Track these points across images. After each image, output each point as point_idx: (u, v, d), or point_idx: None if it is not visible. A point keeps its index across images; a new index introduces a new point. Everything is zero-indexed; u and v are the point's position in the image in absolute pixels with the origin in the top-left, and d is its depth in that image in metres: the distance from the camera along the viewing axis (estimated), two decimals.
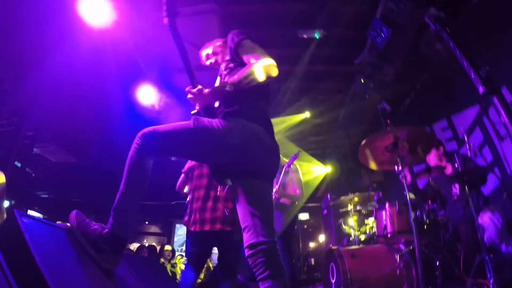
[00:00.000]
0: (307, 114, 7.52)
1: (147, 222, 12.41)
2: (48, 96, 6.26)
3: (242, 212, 1.90)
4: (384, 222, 3.67)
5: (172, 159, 6.51)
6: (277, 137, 2.17)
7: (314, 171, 9.42)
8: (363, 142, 3.17)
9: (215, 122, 1.92)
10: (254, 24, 5.10)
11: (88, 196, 10.49)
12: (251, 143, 1.92)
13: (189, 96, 2.02)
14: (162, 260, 6.84)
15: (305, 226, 8.65)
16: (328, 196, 6.79)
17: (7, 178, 3.35)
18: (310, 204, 8.73)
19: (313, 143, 9.24)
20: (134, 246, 8.85)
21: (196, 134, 1.90)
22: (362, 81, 5.47)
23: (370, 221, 4.46)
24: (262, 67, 1.94)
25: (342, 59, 5.91)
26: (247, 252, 1.77)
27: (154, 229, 12.55)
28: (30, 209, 10.88)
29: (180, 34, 2.03)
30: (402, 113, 6.77)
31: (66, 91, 6.09)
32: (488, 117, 5.13)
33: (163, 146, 1.93)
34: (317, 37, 5.12)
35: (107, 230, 1.83)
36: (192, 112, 2.06)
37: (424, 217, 3.54)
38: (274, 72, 1.98)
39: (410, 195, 2.98)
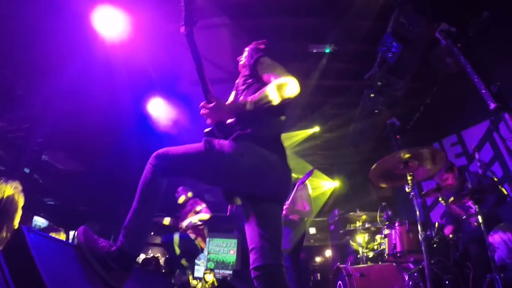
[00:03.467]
0: (316, 129, 7.51)
1: (152, 233, 12.37)
2: (60, 104, 6.35)
3: (250, 233, 1.89)
4: (394, 241, 3.61)
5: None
6: (287, 152, 2.14)
7: (322, 186, 9.37)
8: (374, 166, 3.15)
9: (226, 145, 1.90)
10: (265, 37, 5.11)
11: (94, 205, 10.52)
12: (262, 169, 1.90)
13: (203, 111, 1.99)
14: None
15: (311, 241, 8.57)
16: (336, 211, 6.73)
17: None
18: (317, 219, 8.66)
19: (322, 157, 9.22)
20: (140, 257, 8.79)
21: (207, 158, 1.90)
22: (372, 96, 5.45)
23: (378, 238, 4.39)
24: (282, 87, 1.90)
25: (352, 74, 5.93)
26: (253, 274, 1.76)
27: (159, 239, 12.51)
28: (36, 215, 10.92)
29: (197, 44, 2.01)
30: (412, 128, 6.72)
31: (77, 100, 6.17)
32: (499, 133, 5.07)
33: (176, 168, 1.94)
34: (328, 52, 5.13)
35: (115, 247, 1.81)
36: (205, 130, 2.05)
37: (434, 235, 3.48)
38: (294, 90, 1.93)
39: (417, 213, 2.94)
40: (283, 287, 1.74)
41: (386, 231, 3.81)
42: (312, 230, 8.59)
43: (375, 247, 4.48)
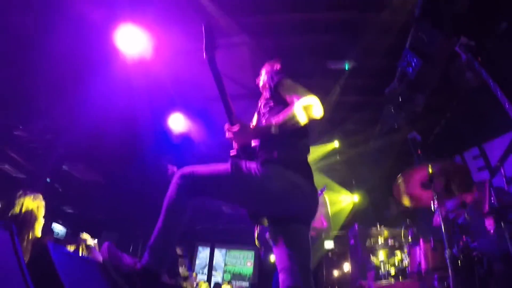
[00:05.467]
0: (336, 144, 7.55)
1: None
2: (82, 117, 6.51)
3: (279, 254, 1.90)
4: (418, 259, 3.58)
5: None
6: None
7: (342, 201, 9.33)
8: (399, 180, 3.15)
9: (253, 168, 1.91)
10: (285, 55, 5.20)
11: (111, 214, 10.67)
12: (289, 191, 1.91)
13: (228, 134, 2.00)
14: (185, 285, 6.81)
15: (330, 255, 8.48)
16: (356, 226, 6.67)
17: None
18: (336, 233, 8.60)
19: (341, 173, 9.15)
20: None
21: (233, 180, 1.91)
22: (392, 111, 5.45)
23: (399, 253, 4.35)
24: (305, 108, 1.93)
25: (372, 90, 5.94)
26: None
27: (177, 251, 12.59)
28: (55, 222, 11.14)
29: (219, 69, 2.03)
30: (432, 143, 6.66)
31: (98, 114, 6.30)
32: None
33: (201, 189, 1.94)
34: (347, 68, 5.17)
35: (140, 265, 1.82)
36: (231, 153, 2.06)
37: (459, 253, 3.45)
38: (318, 111, 1.96)
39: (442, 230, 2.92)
40: None
41: (411, 248, 3.78)
42: (330, 244, 8.51)
43: (396, 263, 4.44)
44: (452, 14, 4.66)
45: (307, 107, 1.93)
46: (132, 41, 5.05)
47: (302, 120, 1.93)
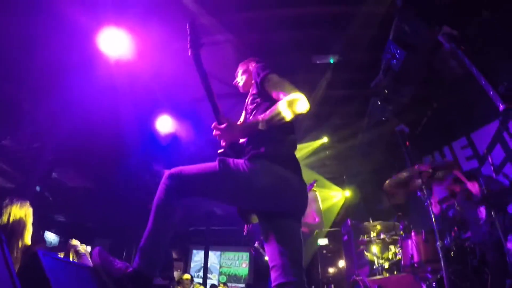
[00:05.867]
0: (325, 139, 7.53)
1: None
2: (67, 122, 6.42)
3: (270, 250, 1.88)
4: (411, 252, 3.54)
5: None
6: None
7: (333, 196, 9.34)
8: (387, 182, 3.13)
9: (241, 164, 1.90)
10: (270, 51, 5.16)
11: (103, 221, 10.57)
12: (277, 186, 1.90)
13: (216, 132, 1.99)
14: None
15: (324, 251, 8.45)
16: (349, 221, 6.65)
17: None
18: (329, 229, 8.58)
19: (332, 168, 9.19)
20: None
21: (222, 177, 1.88)
22: (379, 104, 5.43)
23: (393, 247, 4.32)
24: (293, 103, 1.92)
25: (358, 83, 5.92)
26: None
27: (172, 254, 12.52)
28: (47, 231, 11.00)
29: (204, 66, 2.01)
30: (420, 133, 6.67)
31: (84, 118, 6.22)
32: (509, 133, 5.02)
33: (190, 189, 1.91)
34: (332, 62, 5.14)
35: (131, 269, 1.78)
36: (219, 151, 2.03)
37: (451, 244, 3.43)
38: (304, 107, 1.94)
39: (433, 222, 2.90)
40: None
41: (403, 241, 3.75)
42: (324, 241, 8.49)
43: (390, 257, 4.42)
44: (434, 4, 4.65)
45: (292, 103, 1.92)
46: (115, 43, 4.99)
47: (288, 116, 1.92)
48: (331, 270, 8.34)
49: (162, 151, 7.16)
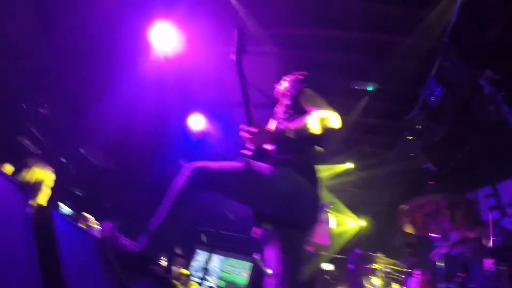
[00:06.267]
0: (350, 165, 7.51)
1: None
2: (108, 104, 6.64)
3: (272, 258, 1.92)
4: None
5: None
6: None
7: (347, 223, 9.21)
8: (404, 206, 3.07)
9: (265, 167, 1.96)
10: (310, 69, 5.17)
11: (118, 203, 10.77)
12: (295, 192, 1.95)
13: (247, 135, 2.06)
14: (176, 282, 6.76)
15: (327, 277, 8.29)
16: (356, 250, 6.50)
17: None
18: (337, 256, 8.42)
19: (352, 194, 9.03)
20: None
21: (244, 177, 1.94)
22: (409, 138, 5.34)
23: (395, 285, 4.19)
24: (320, 119, 1.99)
25: (392, 114, 5.86)
26: None
27: (177, 249, 12.54)
28: (62, 203, 11.32)
29: (245, 72, 2.13)
30: (446, 175, 6.47)
31: (125, 105, 6.41)
32: None
33: (212, 184, 1.95)
34: (371, 90, 5.12)
35: (137, 249, 1.83)
36: (243, 152, 2.10)
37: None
38: (335, 123, 2.03)
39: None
40: None
41: (407, 279, 3.64)
42: (330, 266, 8.33)
43: None
44: (480, 45, 4.56)
45: (322, 118, 2.01)
46: (165, 38, 5.19)
47: (317, 129, 1.99)
48: None
49: (190, 147, 7.31)
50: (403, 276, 3.76)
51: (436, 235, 2.94)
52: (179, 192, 1.89)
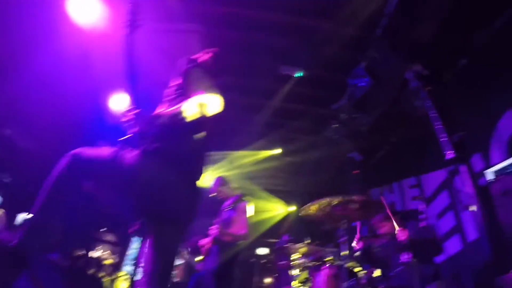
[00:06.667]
0: (277, 151, 7.44)
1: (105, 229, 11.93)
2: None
3: (145, 255, 1.82)
4: (317, 285, 3.43)
5: None
6: (238, 171, 2.04)
7: (276, 208, 9.30)
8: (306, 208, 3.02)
9: (129, 157, 1.84)
10: (235, 50, 4.97)
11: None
12: (159, 187, 1.84)
13: (124, 118, 1.94)
14: (102, 273, 6.45)
15: (264, 261, 8.35)
16: (283, 237, 6.56)
17: None
18: (272, 240, 8.49)
19: (281, 180, 9.01)
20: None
21: (109, 166, 1.84)
22: (337, 126, 5.35)
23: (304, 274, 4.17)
24: (201, 104, 1.86)
25: (320, 101, 5.80)
26: None
27: (110, 237, 12.05)
28: None
29: (134, 49, 2.00)
30: (373, 165, 6.66)
31: (46, 82, 5.90)
32: (454, 184, 5.03)
33: (87, 172, 1.84)
34: (299, 76, 5.03)
35: (14, 242, 1.67)
36: (120, 139, 1.95)
37: (358, 285, 3.33)
38: (214, 110, 1.91)
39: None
40: None
41: (313, 272, 3.64)
42: (266, 251, 8.41)
43: (303, 282, 4.23)
44: (412, 39, 4.58)
45: (200, 104, 1.86)
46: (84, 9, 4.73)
47: (191, 116, 1.85)
48: (267, 280, 8.23)
49: (112, 129, 6.92)
50: (311, 270, 3.73)
51: (343, 230, 2.90)
52: (54, 178, 1.78)
